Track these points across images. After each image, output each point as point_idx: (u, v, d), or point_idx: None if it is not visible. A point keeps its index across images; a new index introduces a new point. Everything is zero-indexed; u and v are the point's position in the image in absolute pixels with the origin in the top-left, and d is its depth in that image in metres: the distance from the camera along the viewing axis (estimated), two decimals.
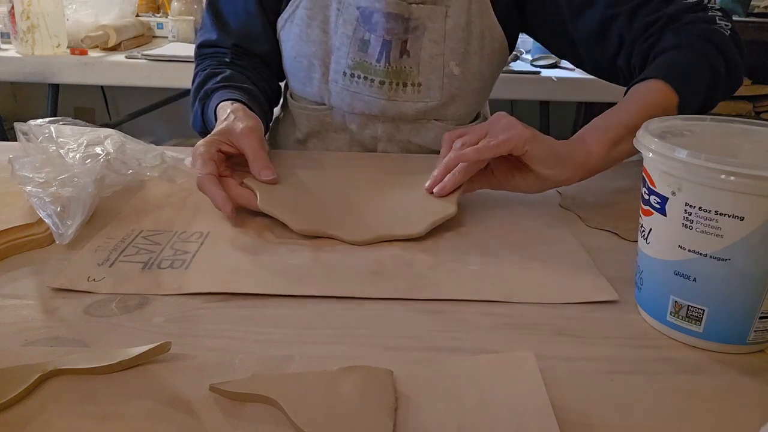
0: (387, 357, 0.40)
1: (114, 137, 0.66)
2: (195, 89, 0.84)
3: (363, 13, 0.81)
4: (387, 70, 0.83)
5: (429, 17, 0.81)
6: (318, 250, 0.55)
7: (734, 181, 0.37)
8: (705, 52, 0.69)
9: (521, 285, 0.50)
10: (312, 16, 0.83)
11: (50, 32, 1.62)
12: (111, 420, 0.34)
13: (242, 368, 0.38)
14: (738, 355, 0.42)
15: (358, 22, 0.81)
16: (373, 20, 0.81)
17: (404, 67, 0.83)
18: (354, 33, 0.82)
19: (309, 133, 0.92)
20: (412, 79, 0.84)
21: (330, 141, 0.91)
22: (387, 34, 0.81)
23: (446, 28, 0.82)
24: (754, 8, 2.08)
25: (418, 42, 0.82)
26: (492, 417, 0.35)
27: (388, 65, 0.83)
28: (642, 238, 0.45)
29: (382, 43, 0.82)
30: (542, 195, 0.71)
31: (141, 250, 0.54)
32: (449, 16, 0.82)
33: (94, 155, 0.61)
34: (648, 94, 0.66)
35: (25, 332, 0.42)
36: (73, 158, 0.60)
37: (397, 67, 0.83)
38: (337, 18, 0.82)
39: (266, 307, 0.46)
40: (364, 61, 0.83)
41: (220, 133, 0.66)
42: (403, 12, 0.80)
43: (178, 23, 1.83)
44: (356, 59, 0.83)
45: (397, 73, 0.83)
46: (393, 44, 0.82)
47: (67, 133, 0.65)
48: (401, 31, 0.81)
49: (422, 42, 0.82)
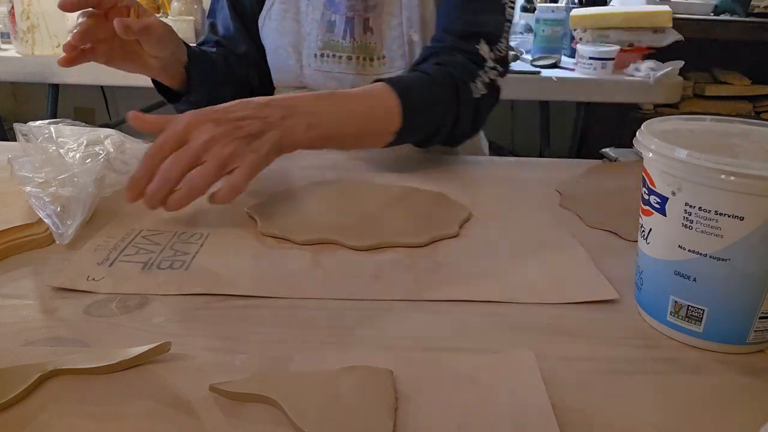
0: (387, 357, 0.40)
1: (114, 137, 0.67)
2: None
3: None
4: (353, 45, 0.89)
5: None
6: (318, 254, 0.55)
7: (734, 181, 0.37)
8: (445, 99, 0.74)
9: (521, 285, 0.50)
10: (286, 8, 0.91)
11: (50, 32, 1.62)
12: (111, 420, 0.34)
13: (242, 368, 0.38)
14: (738, 355, 0.42)
15: (324, 6, 0.89)
16: (336, 1, 0.88)
17: (369, 42, 0.90)
18: (322, 17, 0.90)
19: None
20: (377, 53, 0.90)
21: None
22: (349, 11, 0.88)
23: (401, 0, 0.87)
24: (754, 8, 2.08)
25: (378, 18, 0.89)
26: (492, 417, 0.35)
27: (353, 41, 0.89)
28: (642, 238, 0.45)
29: (345, 21, 0.89)
30: (542, 195, 0.71)
31: (141, 250, 0.54)
32: None
33: (94, 155, 0.61)
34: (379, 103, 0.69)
35: (25, 332, 0.42)
36: (73, 158, 0.60)
37: (361, 42, 0.89)
38: (307, 6, 0.90)
39: (266, 307, 0.46)
40: (332, 40, 0.90)
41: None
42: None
43: (178, 23, 1.83)
44: (324, 39, 0.90)
45: (363, 47, 0.90)
46: (356, 21, 0.89)
47: (66, 133, 0.65)
48: (361, 9, 0.88)
49: (382, 17, 0.89)
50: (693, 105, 2.14)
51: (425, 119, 0.73)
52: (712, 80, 2.17)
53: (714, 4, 2.09)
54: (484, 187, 0.73)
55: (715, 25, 2.00)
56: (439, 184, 0.72)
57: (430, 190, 0.69)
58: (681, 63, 1.71)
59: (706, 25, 1.99)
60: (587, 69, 1.70)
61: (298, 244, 0.56)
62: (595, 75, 1.69)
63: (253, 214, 0.61)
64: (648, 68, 1.70)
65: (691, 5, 2.06)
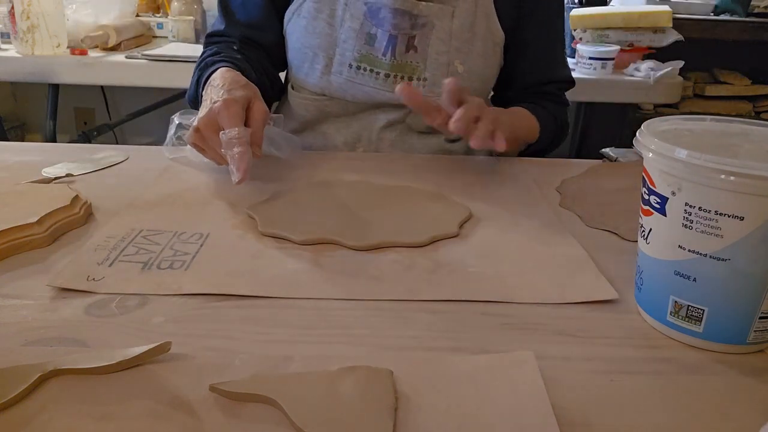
0: (387, 357, 0.40)
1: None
2: (197, 64, 0.86)
3: (371, 8, 0.84)
4: (392, 63, 0.85)
5: (436, 15, 0.84)
6: (318, 255, 0.55)
7: (734, 181, 0.37)
8: (556, 127, 0.95)
9: (521, 285, 0.50)
10: (319, 9, 0.86)
11: (50, 32, 1.62)
12: (111, 420, 0.34)
13: (242, 368, 0.38)
14: (738, 355, 0.42)
15: (365, 16, 0.85)
16: (381, 15, 0.84)
17: (410, 61, 0.86)
18: (361, 27, 0.85)
19: (307, 123, 0.93)
20: (418, 74, 0.86)
21: (327, 127, 0.92)
22: (393, 29, 0.84)
23: (452, 28, 0.85)
24: (754, 8, 2.08)
25: (425, 38, 0.85)
26: (492, 417, 0.35)
27: (394, 59, 0.85)
28: (642, 238, 0.45)
29: (388, 37, 0.84)
30: (542, 195, 0.71)
31: (141, 250, 0.54)
32: (456, 16, 0.85)
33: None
34: (535, 122, 0.90)
35: (25, 332, 0.42)
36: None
37: (402, 61, 0.86)
38: (344, 12, 0.85)
39: (266, 307, 0.46)
40: (371, 54, 0.85)
41: (245, 97, 0.68)
42: (410, 8, 0.83)
43: (178, 23, 1.83)
44: (362, 52, 0.85)
45: (402, 67, 0.86)
46: (399, 39, 0.84)
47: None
48: (408, 27, 0.84)
49: (430, 39, 0.85)
50: (693, 105, 2.13)
51: (544, 138, 0.92)
52: (712, 80, 2.17)
53: (714, 4, 2.09)
54: (484, 187, 0.73)
55: (715, 25, 2.00)
56: (439, 184, 0.72)
57: (430, 190, 0.69)
58: (681, 63, 1.71)
59: (706, 25, 1.99)
60: (587, 69, 1.70)
61: (298, 244, 0.56)
62: (595, 75, 1.69)
63: (253, 214, 0.61)
64: (648, 68, 1.69)
65: (691, 5, 2.06)
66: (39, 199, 0.59)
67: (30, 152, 0.80)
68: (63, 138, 2.12)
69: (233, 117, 0.64)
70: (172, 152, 0.78)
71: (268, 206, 0.63)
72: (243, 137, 0.62)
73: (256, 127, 0.66)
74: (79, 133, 1.92)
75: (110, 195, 0.65)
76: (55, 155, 0.78)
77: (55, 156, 0.77)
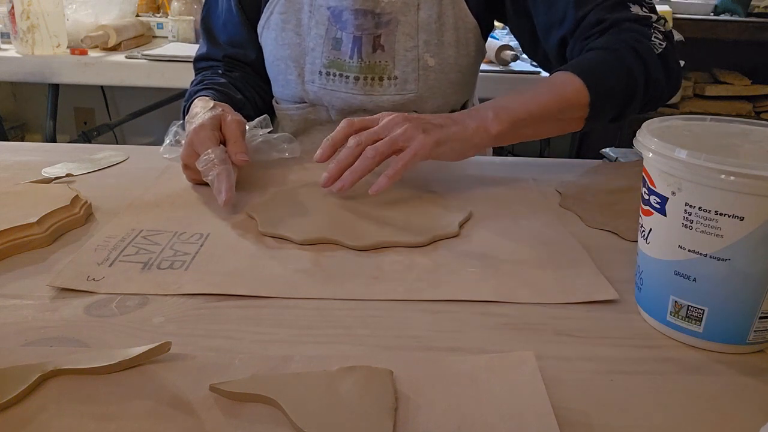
0: (387, 357, 0.40)
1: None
2: (185, 100, 0.86)
3: (333, 12, 0.84)
4: (360, 65, 0.84)
5: (400, 11, 0.83)
6: (318, 255, 0.55)
7: (734, 181, 0.37)
8: (629, 63, 0.70)
9: (521, 285, 0.50)
10: (286, 20, 0.86)
11: (50, 32, 1.62)
12: (111, 420, 0.34)
13: (242, 368, 0.38)
14: (738, 355, 0.42)
15: (329, 21, 0.84)
16: (343, 18, 0.83)
17: (378, 61, 0.85)
18: (326, 33, 0.84)
19: (295, 132, 0.93)
20: (388, 72, 0.85)
21: (316, 135, 0.92)
22: (357, 31, 0.83)
23: (419, 21, 0.83)
24: (754, 8, 2.08)
25: (391, 36, 0.84)
26: (492, 417, 0.35)
27: (361, 60, 0.84)
28: (642, 238, 0.45)
29: (353, 39, 0.84)
30: (542, 195, 0.71)
31: (141, 250, 0.54)
32: (421, 9, 0.83)
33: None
34: (563, 86, 0.68)
35: (25, 332, 0.42)
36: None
37: (370, 62, 0.85)
38: (309, 20, 0.85)
39: (266, 307, 0.46)
40: (338, 59, 0.85)
41: (212, 118, 0.68)
42: (372, 7, 0.82)
43: (178, 23, 1.83)
44: (330, 57, 0.85)
45: (371, 68, 0.85)
46: (364, 40, 0.83)
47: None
48: (372, 27, 0.83)
49: (396, 35, 0.84)
50: (693, 105, 2.13)
51: (614, 86, 0.69)
52: (712, 80, 2.17)
53: (714, 4, 2.09)
54: (484, 187, 0.73)
55: (715, 25, 2.00)
56: (439, 185, 0.72)
57: (430, 190, 0.69)
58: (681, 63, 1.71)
59: (706, 25, 1.99)
60: None
61: (298, 244, 0.56)
62: None
63: (253, 214, 0.61)
64: None
65: (691, 5, 2.06)
66: (39, 199, 0.59)
67: (30, 152, 0.80)
68: (63, 138, 2.13)
69: (204, 141, 0.64)
70: (170, 153, 0.78)
71: (268, 206, 0.63)
72: (217, 157, 0.62)
73: (233, 137, 0.66)
74: (79, 133, 1.92)
75: (110, 195, 0.65)
76: (55, 155, 0.78)
77: (55, 156, 0.77)
